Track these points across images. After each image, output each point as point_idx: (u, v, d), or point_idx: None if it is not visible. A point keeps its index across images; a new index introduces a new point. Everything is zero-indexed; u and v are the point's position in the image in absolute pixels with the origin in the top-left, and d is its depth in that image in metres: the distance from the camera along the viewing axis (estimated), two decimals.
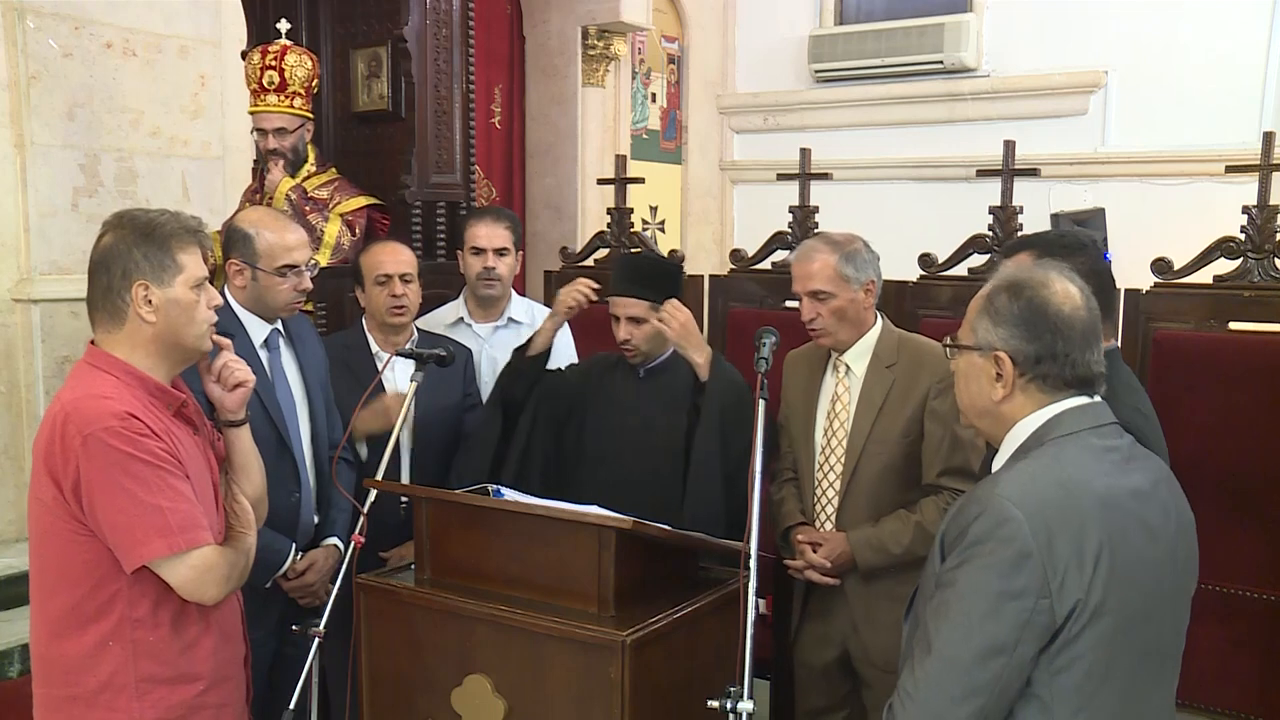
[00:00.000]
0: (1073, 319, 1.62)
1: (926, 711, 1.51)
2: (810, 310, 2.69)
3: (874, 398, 2.68)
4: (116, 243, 1.96)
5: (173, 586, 1.91)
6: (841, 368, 2.75)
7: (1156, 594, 1.58)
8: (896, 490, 2.66)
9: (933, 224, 4.31)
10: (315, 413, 2.77)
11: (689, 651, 2.27)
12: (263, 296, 2.64)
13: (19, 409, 3.73)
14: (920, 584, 1.70)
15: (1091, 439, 1.60)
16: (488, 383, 3.41)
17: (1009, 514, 1.50)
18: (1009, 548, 1.49)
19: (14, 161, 3.66)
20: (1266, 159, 3.09)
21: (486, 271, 3.38)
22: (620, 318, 2.90)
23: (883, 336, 2.74)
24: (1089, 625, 1.50)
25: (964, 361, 1.71)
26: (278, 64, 3.68)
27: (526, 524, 2.28)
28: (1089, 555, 1.50)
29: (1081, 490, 1.54)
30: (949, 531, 1.60)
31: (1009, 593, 1.48)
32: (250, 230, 2.63)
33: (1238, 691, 2.98)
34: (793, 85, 6.99)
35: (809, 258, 2.71)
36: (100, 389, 1.90)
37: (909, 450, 2.65)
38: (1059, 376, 1.62)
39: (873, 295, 2.72)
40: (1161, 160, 5.77)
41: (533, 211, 5.83)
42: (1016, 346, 1.62)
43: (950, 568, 1.55)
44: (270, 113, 3.72)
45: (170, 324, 1.97)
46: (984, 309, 1.67)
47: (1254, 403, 2.97)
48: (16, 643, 3.31)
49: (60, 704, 1.96)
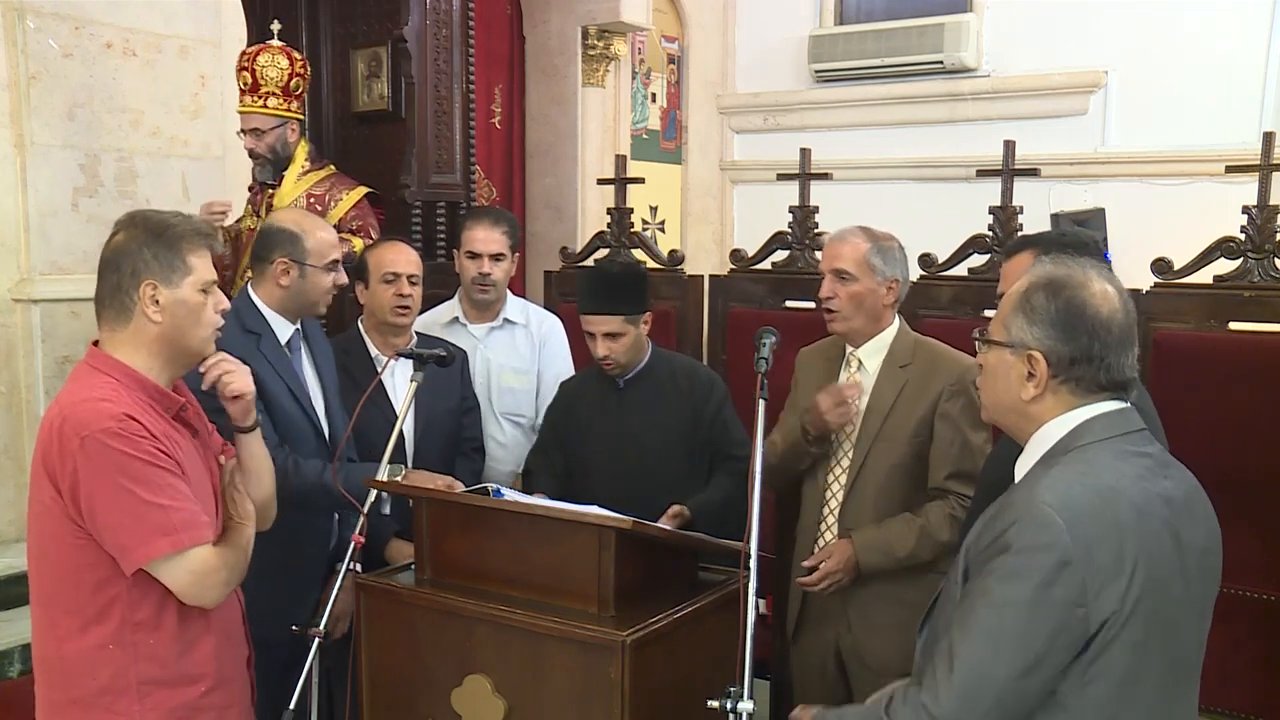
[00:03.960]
0: (1110, 321, 1.57)
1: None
2: (829, 289, 2.67)
3: (886, 396, 2.66)
4: (128, 241, 1.96)
5: (172, 591, 1.91)
6: (854, 363, 2.73)
7: (1184, 603, 1.56)
8: (902, 490, 2.64)
9: (933, 224, 4.29)
10: (331, 411, 2.83)
11: (689, 651, 2.27)
12: (307, 293, 2.71)
13: (19, 409, 3.73)
14: (940, 596, 1.66)
15: (1124, 445, 1.57)
16: (483, 383, 3.42)
17: (1050, 520, 1.46)
18: (1049, 555, 1.45)
19: (14, 161, 3.66)
20: (1266, 159, 3.09)
21: (481, 277, 3.37)
22: (596, 335, 2.90)
23: (899, 337, 2.73)
24: (1121, 633, 1.47)
25: (994, 357, 1.66)
26: (250, 65, 3.69)
27: (526, 524, 2.29)
28: (1126, 564, 1.47)
29: (1119, 498, 1.50)
30: (980, 539, 1.55)
31: (1047, 601, 1.45)
32: (296, 229, 2.70)
33: (1238, 691, 2.98)
34: (793, 85, 6.99)
35: (843, 239, 2.71)
36: (99, 391, 1.90)
37: (918, 451, 2.63)
38: (1093, 380, 1.57)
39: (894, 294, 2.70)
40: (1161, 160, 5.76)
41: (533, 211, 5.82)
42: (1051, 347, 1.57)
43: (983, 575, 1.51)
44: (245, 113, 3.73)
45: (176, 325, 1.97)
46: (1020, 306, 1.61)
47: (1254, 402, 2.97)
48: (17, 643, 3.31)
49: (62, 707, 1.96)
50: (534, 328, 3.53)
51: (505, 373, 3.45)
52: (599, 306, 2.90)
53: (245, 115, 3.73)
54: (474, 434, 3.30)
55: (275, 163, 3.76)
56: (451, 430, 3.21)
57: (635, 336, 2.93)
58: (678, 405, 2.97)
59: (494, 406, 3.43)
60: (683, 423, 2.95)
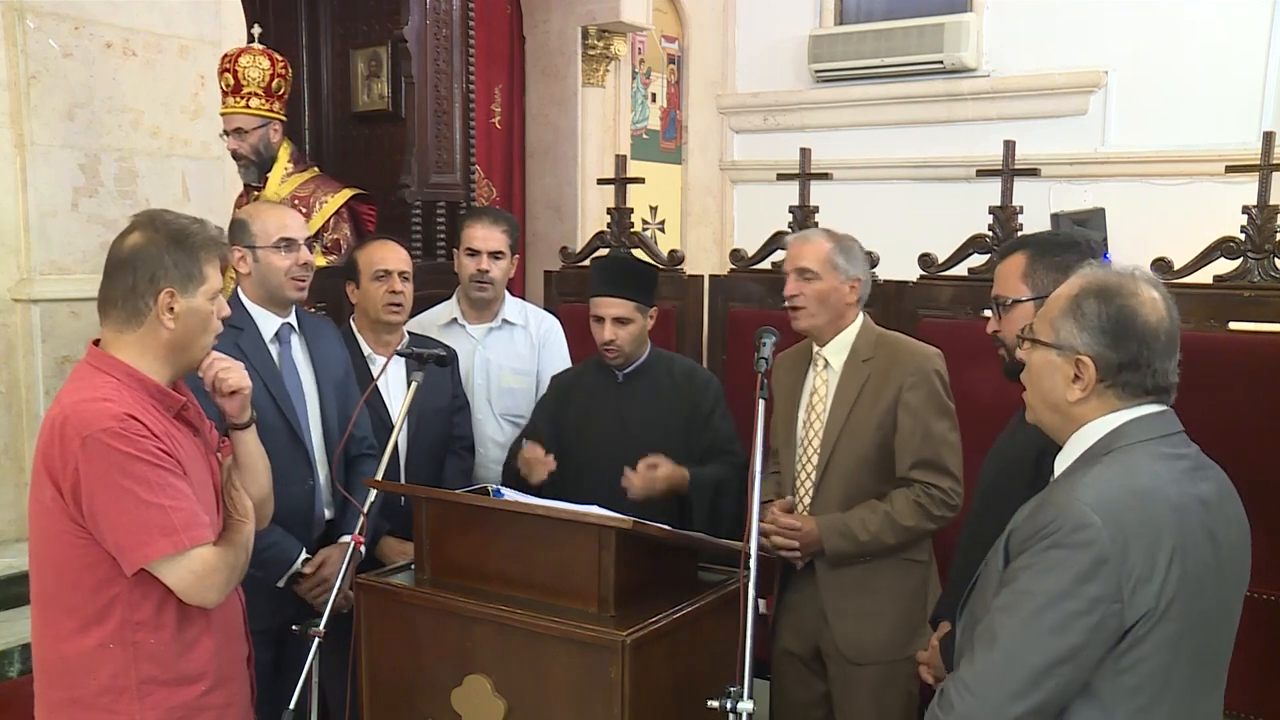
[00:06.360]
0: (1159, 329, 1.62)
1: (984, 705, 1.53)
2: (794, 287, 2.74)
3: (849, 391, 2.71)
4: (147, 245, 1.95)
5: (173, 590, 1.91)
6: (820, 362, 2.79)
7: (1216, 601, 1.60)
8: (870, 481, 2.69)
9: (933, 224, 4.30)
10: (326, 406, 2.80)
11: (689, 651, 2.27)
12: (267, 276, 2.70)
13: (19, 409, 3.73)
14: (978, 583, 1.71)
15: (1162, 447, 1.61)
16: (483, 384, 3.42)
17: (1088, 519, 1.50)
18: (1086, 553, 1.49)
19: (14, 161, 3.66)
20: (1266, 159, 3.09)
21: (480, 274, 3.38)
22: (605, 318, 2.92)
23: (861, 333, 2.78)
24: (1155, 629, 1.51)
25: (1039, 357, 1.69)
26: (231, 66, 3.70)
27: (526, 524, 2.28)
28: (1161, 563, 1.51)
29: (1156, 498, 1.54)
30: (1019, 531, 1.60)
31: (1082, 597, 1.49)
32: (244, 217, 2.78)
33: (1237, 691, 2.95)
34: (793, 85, 6.99)
35: (805, 239, 2.80)
36: (100, 391, 1.90)
37: (882, 442, 2.68)
38: (1139, 385, 1.62)
39: (856, 293, 2.75)
40: (1161, 160, 5.76)
41: (533, 211, 5.82)
42: (1100, 354, 1.61)
43: (1021, 567, 1.56)
44: (227, 114, 3.74)
45: (187, 332, 1.98)
46: (1070, 310, 1.64)
47: (1253, 403, 2.96)
48: (17, 643, 3.31)
49: (62, 707, 1.96)
50: (533, 328, 3.53)
51: (505, 374, 3.45)
52: (609, 289, 2.93)
53: (228, 116, 3.73)
54: (464, 432, 3.30)
55: (259, 164, 3.76)
56: (442, 429, 3.21)
57: (641, 328, 2.97)
58: (675, 401, 2.99)
59: (493, 407, 3.43)
60: (679, 418, 2.97)
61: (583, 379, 3.10)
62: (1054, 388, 1.66)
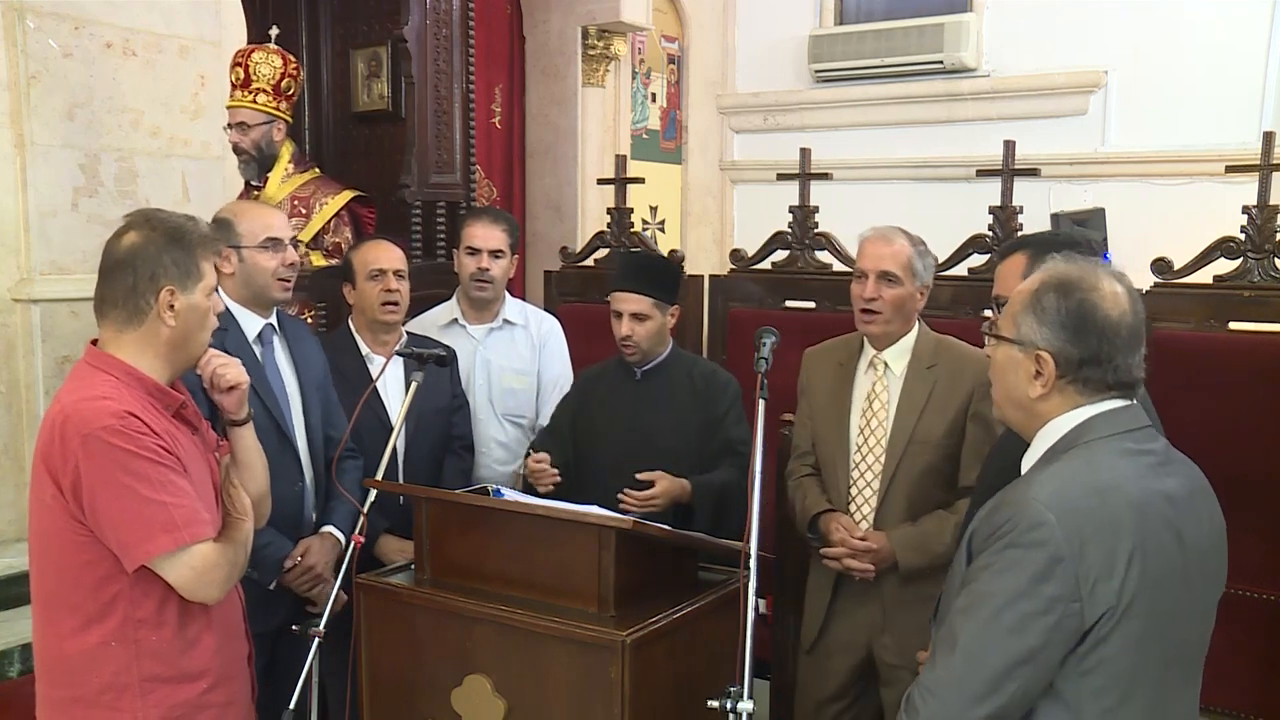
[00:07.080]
0: (1120, 323, 1.58)
1: (947, 709, 1.50)
2: (875, 290, 2.65)
3: (916, 398, 2.65)
4: (145, 244, 1.96)
5: (174, 587, 1.92)
6: (880, 366, 2.72)
7: (1185, 599, 1.57)
8: (936, 491, 2.63)
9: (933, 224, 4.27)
10: (309, 408, 2.78)
11: (689, 651, 2.27)
12: (253, 276, 2.67)
13: (19, 409, 3.73)
14: (946, 586, 1.68)
15: (1126, 443, 1.58)
16: (484, 384, 3.42)
17: (1042, 518, 1.48)
18: (1041, 552, 1.47)
19: (14, 161, 3.66)
20: (1266, 159, 3.09)
21: (480, 273, 3.37)
22: (623, 314, 2.91)
23: (921, 337, 2.73)
24: (1117, 627, 1.48)
25: (1002, 353, 1.68)
26: (244, 61, 3.70)
27: (526, 524, 2.29)
28: (1120, 561, 1.48)
29: (1115, 495, 1.51)
30: (979, 532, 1.58)
31: (1040, 597, 1.47)
32: (227, 216, 2.73)
33: (1237, 692, 2.98)
34: (793, 85, 6.99)
35: (889, 239, 2.70)
36: (99, 389, 1.90)
37: (950, 452, 2.63)
38: (1100, 380, 1.59)
39: (923, 300, 2.72)
40: (1161, 160, 5.76)
41: (533, 211, 5.82)
42: (1060, 349, 1.59)
43: (979, 568, 1.53)
44: (233, 107, 3.73)
45: (186, 329, 1.99)
46: (1030, 305, 1.62)
47: (1253, 402, 2.97)
48: (17, 643, 3.31)
49: (63, 705, 1.96)
50: (533, 329, 3.53)
51: (506, 374, 3.45)
52: (630, 285, 2.91)
53: (234, 109, 3.73)
54: (463, 432, 3.30)
55: (260, 161, 3.76)
56: (441, 429, 3.21)
57: (660, 325, 2.94)
58: (692, 402, 2.96)
59: (495, 407, 3.43)
60: (696, 419, 2.95)
61: (604, 376, 3.09)
62: (1016, 384, 1.64)
